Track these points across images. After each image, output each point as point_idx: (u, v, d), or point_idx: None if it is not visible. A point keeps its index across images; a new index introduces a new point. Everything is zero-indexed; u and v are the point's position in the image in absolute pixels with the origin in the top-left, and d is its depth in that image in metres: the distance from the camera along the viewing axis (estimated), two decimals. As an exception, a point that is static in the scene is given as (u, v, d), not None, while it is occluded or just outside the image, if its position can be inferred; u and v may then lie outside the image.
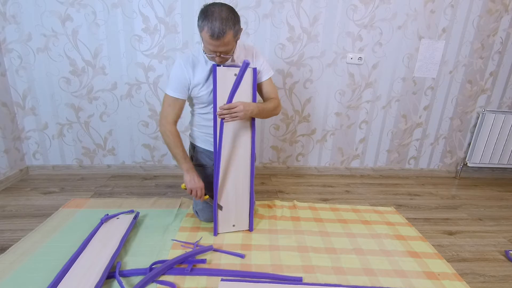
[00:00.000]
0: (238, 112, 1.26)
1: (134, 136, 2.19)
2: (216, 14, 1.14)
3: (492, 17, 2.11)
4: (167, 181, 2.15)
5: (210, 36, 1.15)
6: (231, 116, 1.26)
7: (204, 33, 1.16)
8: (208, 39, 1.17)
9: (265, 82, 1.45)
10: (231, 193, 1.45)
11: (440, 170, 2.53)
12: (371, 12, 2.03)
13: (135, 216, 1.59)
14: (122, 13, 1.90)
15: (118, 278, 1.13)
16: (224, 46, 1.20)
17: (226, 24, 1.14)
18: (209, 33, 1.14)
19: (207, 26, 1.14)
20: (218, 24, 1.13)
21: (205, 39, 1.18)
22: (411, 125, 2.36)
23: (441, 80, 2.25)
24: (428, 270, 1.31)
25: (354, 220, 1.70)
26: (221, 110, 1.26)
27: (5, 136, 1.95)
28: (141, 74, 2.04)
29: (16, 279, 1.14)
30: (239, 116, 1.27)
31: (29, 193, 1.89)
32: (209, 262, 1.29)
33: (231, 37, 1.19)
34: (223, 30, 1.14)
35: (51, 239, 1.39)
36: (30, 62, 1.94)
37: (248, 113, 1.30)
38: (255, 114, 1.34)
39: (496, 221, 1.81)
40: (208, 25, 1.14)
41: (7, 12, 1.84)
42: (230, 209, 1.47)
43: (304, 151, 2.36)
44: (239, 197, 1.47)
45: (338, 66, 2.15)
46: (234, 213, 1.49)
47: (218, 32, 1.14)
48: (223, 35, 1.15)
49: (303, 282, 1.19)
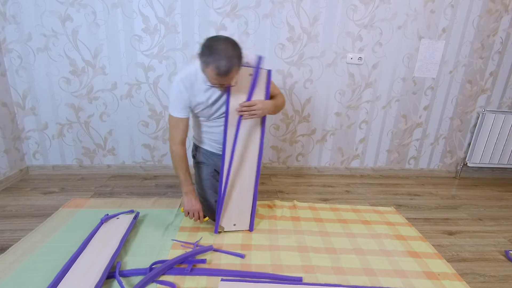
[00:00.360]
0: (257, 110, 1.29)
1: (134, 136, 2.19)
2: (222, 52, 1.13)
3: (492, 17, 2.11)
4: (167, 181, 2.15)
5: (217, 74, 1.15)
6: (249, 114, 1.29)
7: (210, 70, 1.15)
8: (214, 76, 1.17)
9: None
10: (235, 193, 1.46)
11: (440, 170, 2.53)
12: (371, 12, 2.03)
13: (135, 216, 1.59)
14: (122, 13, 1.90)
15: (118, 278, 1.13)
16: (229, 80, 1.21)
17: (232, 62, 1.14)
18: (215, 71, 1.14)
19: (213, 64, 1.13)
20: (225, 63, 1.12)
21: (209, 74, 1.18)
22: (411, 125, 2.36)
23: (441, 80, 2.25)
24: (428, 270, 1.31)
25: (354, 220, 1.70)
26: (241, 107, 1.29)
27: (5, 136, 1.95)
28: (141, 74, 2.04)
29: (16, 279, 1.14)
30: (258, 114, 1.30)
31: (29, 193, 1.89)
32: (209, 262, 1.29)
33: (236, 73, 1.20)
34: (230, 68, 1.14)
35: (51, 239, 1.39)
36: (30, 62, 1.94)
37: (265, 111, 1.34)
38: (271, 111, 1.39)
39: (496, 221, 1.81)
40: (214, 64, 1.13)
41: (7, 12, 1.84)
42: (233, 208, 1.48)
43: (304, 151, 2.36)
44: (243, 197, 1.48)
45: (338, 66, 2.15)
46: (236, 213, 1.49)
47: (224, 71, 1.14)
48: (229, 72, 1.15)
49: (303, 282, 1.19)
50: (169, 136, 1.44)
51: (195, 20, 1.95)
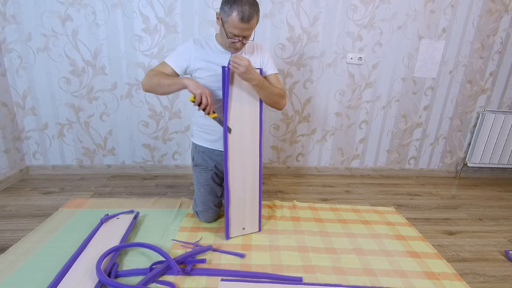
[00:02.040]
0: (241, 66, 1.22)
1: (134, 136, 2.19)
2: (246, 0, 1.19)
3: (492, 17, 2.11)
4: (167, 181, 2.15)
5: (240, 20, 1.19)
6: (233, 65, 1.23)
7: (233, 16, 1.19)
8: (236, 23, 1.20)
9: (269, 76, 1.45)
10: (242, 197, 1.44)
11: (440, 170, 2.53)
12: (371, 12, 2.03)
13: (135, 216, 1.59)
14: (122, 13, 1.90)
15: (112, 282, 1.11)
16: (249, 30, 1.25)
17: (254, 9, 1.21)
18: (239, 16, 1.19)
19: (237, 9, 1.18)
20: (248, 8, 1.19)
21: (232, 23, 1.21)
22: (411, 125, 2.36)
23: (441, 80, 2.25)
24: (428, 270, 1.31)
25: (354, 220, 1.70)
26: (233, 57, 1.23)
27: (5, 136, 1.95)
28: (141, 74, 2.04)
29: (16, 279, 1.14)
30: (239, 69, 1.23)
31: (29, 193, 1.89)
32: (209, 262, 1.29)
33: (256, 21, 1.25)
34: (252, 14, 1.20)
35: (51, 239, 1.39)
36: (30, 62, 1.94)
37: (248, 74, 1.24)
38: (255, 83, 1.30)
39: (496, 221, 1.81)
40: (238, 9, 1.18)
41: (7, 12, 1.84)
42: (241, 212, 1.46)
43: (304, 151, 2.36)
44: (250, 200, 1.47)
45: (338, 66, 2.15)
46: (245, 216, 1.48)
47: (248, 16, 1.19)
48: (252, 18, 1.21)
49: (303, 282, 1.19)
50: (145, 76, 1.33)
51: (195, 20, 1.95)
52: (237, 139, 1.38)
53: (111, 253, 1.25)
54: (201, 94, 1.23)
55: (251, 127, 1.41)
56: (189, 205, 1.77)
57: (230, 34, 1.26)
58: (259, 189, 1.48)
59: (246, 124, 1.39)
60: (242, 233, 1.49)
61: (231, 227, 1.45)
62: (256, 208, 1.50)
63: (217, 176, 1.56)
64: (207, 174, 1.53)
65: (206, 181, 1.53)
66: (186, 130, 2.20)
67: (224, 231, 1.48)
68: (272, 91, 1.37)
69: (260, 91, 1.35)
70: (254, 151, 1.43)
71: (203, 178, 1.53)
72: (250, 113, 1.40)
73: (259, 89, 1.34)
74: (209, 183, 1.53)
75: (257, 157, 1.44)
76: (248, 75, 1.26)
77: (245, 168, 1.42)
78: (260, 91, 1.35)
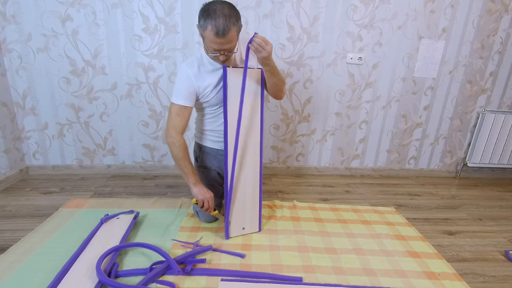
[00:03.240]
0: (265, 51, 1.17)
1: (134, 136, 2.19)
2: (219, 11, 1.12)
3: (492, 17, 2.11)
4: (167, 181, 2.15)
5: (215, 34, 1.13)
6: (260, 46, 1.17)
7: (208, 31, 1.14)
8: (212, 38, 1.15)
9: None
10: (242, 196, 1.44)
11: (440, 170, 2.53)
12: (371, 12, 2.03)
13: (135, 216, 1.59)
14: (122, 13, 1.90)
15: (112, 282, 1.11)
16: (229, 43, 1.18)
17: (229, 21, 1.13)
18: (213, 31, 1.12)
19: (211, 24, 1.12)
20: (222, 21, 1.11)
21: (208, 38, 1.16)
22: (411, 125, 2.36)
23: (441, 80, 2.25)
24: (428, 270, 1.31)
25: (354, 220, 1.70)
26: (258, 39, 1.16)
27: (5, 136, 1.95)
28: (141, 74, 2.04)
29: (16, 279, 1.14)
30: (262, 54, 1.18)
31: (29, 193, 1.89)
32: (209, 262, 1.29)
33: (235, 33, 1.17)
34: (227, 27, 1.12)
35: (51, 239, 1.39)
36: (30, 62, 1.94)
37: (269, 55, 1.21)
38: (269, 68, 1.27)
39: (496, 221, 1.81)
40: (211, 23, 1.12)
41: (7, 12, 1.84)
42: (241, 212, 1.46)
43: (304, 151, 2.36)
44: (250, 200, 1.47)
45: (338, 66, 2.15)
46: (245, 216, 1.48)
47: (222, 29, 1.12)
48: (227, 32, 1.13)
49: (303, 282, 1.19)
50: (168, 125, 1.37)
51: (195, 20, 1.95)
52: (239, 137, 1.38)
53: (111, 253, 1.25)
54: (202, 200, 1.37)
55: (252, 127, 1.41)
56: (189, 205, 1.77)
57: (210, 48, 1.21)
58: (259, 189, 1.48)
59: (247, 124, 1.39)
60: (242, 233, 1.49)
61: (231, 227, 1.45)
62: (256, 208, 1.49)
63: (219, 177, 1.56)
64: (210, 174, 1.53)
65: (209, 181, 1.53)
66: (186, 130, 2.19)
67: (224, 231, 1.48)
68: (280, 77, 1.36)
69: (271, 76, 1.32)
70: (255, 151, 1.43)
71: (206, 179, 1.53)
72: (251, 113, 1.40)
73: (270, 74, 1.31)
74: (212, 183, 1.53)
75: (257, 157, 1.44)
76: (267, 60, 1.22)
77: (246, 168, 1.42)
78: (272, 76, 1.32)
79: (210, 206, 1.41)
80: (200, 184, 1.39)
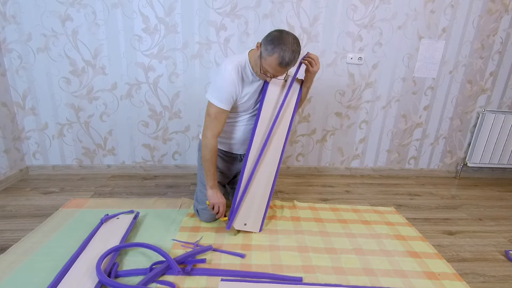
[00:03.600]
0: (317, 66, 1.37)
1: (134, 136, 2.19)
2: (290, 45, 1.19)
3: (492, 17, 2.11)
4: (167, 181, 2.15)
5: (279, 64, 1.21)
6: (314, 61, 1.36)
7: (273, 58, 1.20)
8: (274, 65, 1.22)
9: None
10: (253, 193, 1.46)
11: (440, 170, 2.53)
12: (371, 12, 2.03)
13: (135, 216, 1.59)
14: (122, 13, 1.90)
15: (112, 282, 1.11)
16: (284, 72, 1.29)
17: (295, 57, 1.22)
18: (279, 60, 1.20)
19: (279, 54, 1.19)
20: (289, 55, 1.20)
21: (269, 63, 1.23)
22: (411, 125, 2.36)
23: (441, 80, 2.25)
24: (428, 270, 1.31)
25: (354, 220, 1.70)
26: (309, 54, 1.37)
27: (5, 136, 1.95)
28: (141, 74, 2.04)
29: (16, 279, 1.14)
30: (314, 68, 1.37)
31: (29, 193, 1.89)
32: (209, 262, 1.29)
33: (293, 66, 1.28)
34: (292, 62, 1.23)
35: (51, 239, 1.39)
36: (30, 62, 1.94)
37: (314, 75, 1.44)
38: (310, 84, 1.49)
39: (496, 221, 1.81)
40: (280, 54, 1.19)
41: (7, 12, 1.84)
42: (248, 208, 1.47)
43: (304, 151, 2.36)
44: (259, 200, 1.48)
45: (338, 66, 2.15)
46: (250, 213, 1.48)
47: (287, 63, 1.21)
48: (290, 65, 1.23)
49: (303, 282, 1.19)
50: (206, 127, 1.37)
51: (195, 20, 1.95)
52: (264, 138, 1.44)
53: (111, 253, 1.25)
54: (214, 204, 1.42)
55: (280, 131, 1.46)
56: (190, 205, 1.77)
57: (265, 70, 1.27)
58: (270, 192, 1.50)
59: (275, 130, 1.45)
60: (243, 228, 1.49)
61: (236, 219, 1.45)
62: (263, 209, 1.50)
63: (222, 177, 1.57)
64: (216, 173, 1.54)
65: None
66: (186, 130, 2.20)
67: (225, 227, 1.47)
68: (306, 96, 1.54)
69: (307, 92, 1.51)
70: (276, 153, 1.47)
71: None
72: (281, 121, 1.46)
73: (307, 90, 1.49)
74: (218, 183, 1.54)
75: (277, 160, 1.49)
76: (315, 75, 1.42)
77: (264, 167, 1.46)
78: (307, 92, 1.50)
79: (221, 211, 1.45)
80: (216, 189, 1.44)
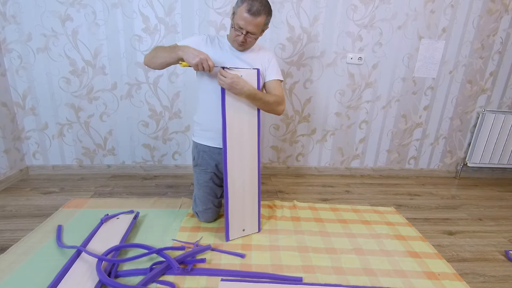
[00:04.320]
0: (224, 82, 1.27)
1: (134, 136, 2.19)
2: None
3: (492, 17, 2.11)
4: (167, 181, 2.15)
5: (247, 11, 1.25)
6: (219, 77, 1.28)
7: (242, 8, 1.25)
8: (243, 14, 1.26)
9: (269, 82, 1.46)
10: (241, 198, 1.44)
11: (440, 170, 2.53)
12: (371, 12, 2.03)
13: (135, 216, 1.59)
14: (122, 13, 1.90)
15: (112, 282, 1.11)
16: (254, 26, 1.28)
17: (264, 8, 1.27)
18: (247, 7, 1.25)
19: (247, 2, 1.25)
20: (257, 5, 1.25)
21: (239, 14, 1.27)
22: (411, 125, 2.36)
23: (441, 80, 2.25)
24: (428, 270, 1.31)
25: (354, 220, 1.70)
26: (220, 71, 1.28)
27: (5, 136, 1.95)
28: (141, 74, 2.04)
29: (16, 279, 1.14)
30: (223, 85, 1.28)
31: (29, 193, 1.89)
32: (209, 262, 1.29)
33: (262, 22, 1.30)
34: (260, 11, 1.26)
35: (51, 239, 1.39)
36: (30, 62, 1.94)
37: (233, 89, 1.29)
38: (245, 96, 1.33)
39: (496, 221, 1.81)
40: (248, 2, 1.25)
41: (7, 12, 1.84)
42: (240, 214, 1.45)
43: (304, 151, 2.36)
44: (249, 201, 1.47)
45: (338, 66, 2.15)
46: (244, 218, 1.47)
47: (255, 10, 1.25)
48: (257, 15, 1.26)
49: (303, 282, 1.19)
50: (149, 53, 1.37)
51: (195, 20, 1.95)
52: (236, 139, 1.38)
53: (111, 253, 1.25)
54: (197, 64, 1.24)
55: (250, 128, 1.41)
56: (190, 205, 1.77)
57: (236, 25, 1.31)
58: (258, 189, 1.48)
59: (245, 125, 1.39)
60: (242, 234, 1.49)
61: (231, 229, 1.44)
62: (256, 208, 1.50)
63: (217, 177, 1.56)
64: (207, 175, 1.53)
65: (206, 182, 1.53)
66: (186, 130, 2.20)
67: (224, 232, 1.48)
68: (266, 100, 1.38)
69: (253, 102, 1.38)
70: (252, 151, 1.43)
71: (203, 179, 1.53)
72: (249, 114, 1.40)
73: (251, 100, 1.37)
74: (209, 184, 1.53)
75: (255, 157, 1.45)
76: (234, 90, 1.31)
77: (244, 169, 1.42)
78: (253, 102, 1.38)
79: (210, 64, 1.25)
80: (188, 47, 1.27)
